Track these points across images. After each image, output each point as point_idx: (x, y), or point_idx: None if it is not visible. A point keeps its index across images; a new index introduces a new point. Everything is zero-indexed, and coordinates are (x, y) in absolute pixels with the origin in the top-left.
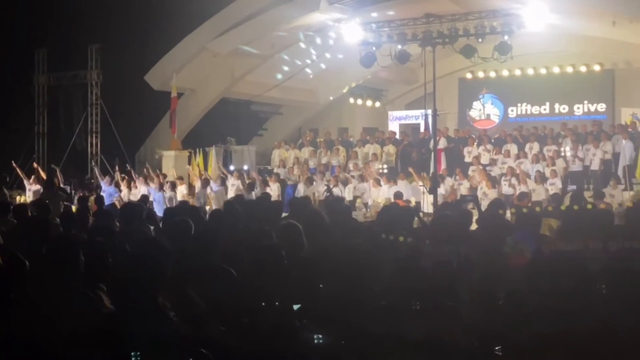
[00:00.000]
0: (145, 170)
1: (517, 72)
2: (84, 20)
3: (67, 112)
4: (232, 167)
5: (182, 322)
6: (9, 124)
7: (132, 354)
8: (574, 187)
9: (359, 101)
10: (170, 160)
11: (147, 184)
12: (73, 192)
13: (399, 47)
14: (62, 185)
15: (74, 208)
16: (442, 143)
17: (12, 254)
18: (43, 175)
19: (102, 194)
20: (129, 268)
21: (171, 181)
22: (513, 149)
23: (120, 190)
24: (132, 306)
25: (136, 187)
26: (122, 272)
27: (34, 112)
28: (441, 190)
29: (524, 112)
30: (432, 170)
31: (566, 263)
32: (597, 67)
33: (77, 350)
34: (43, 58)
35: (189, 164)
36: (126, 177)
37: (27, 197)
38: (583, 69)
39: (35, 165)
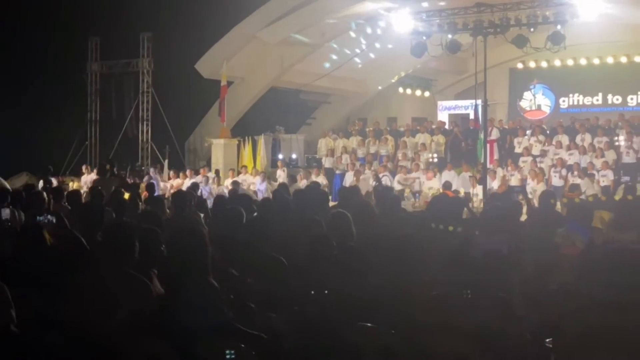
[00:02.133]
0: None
1: (570, 62)
2: (136, 8)
3: (118, 99)
4: (280, 156)
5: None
6: (62, 111)
7: None
8: (627, 178)
9: (408, 91)
10: (219, 148)
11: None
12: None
13: (450, 36)
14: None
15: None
16: (495, 134)
17: (75, 238)
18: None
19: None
20: (173, 254)
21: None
22: (564, 140)
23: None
24: (184, 291)
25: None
26: (169, 258)
27: (86, 99)
28: (495, 182)
29: (575, 103)
30: (482, 161)
31: (620, 254)
32: None
33: (135, 335)
34: (96, 46)
35: (238, 152)
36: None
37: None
38: (637, 59)
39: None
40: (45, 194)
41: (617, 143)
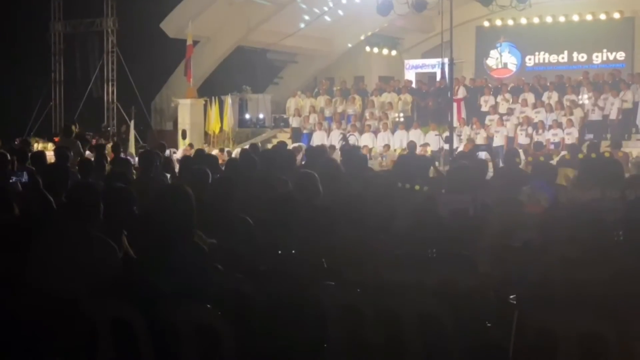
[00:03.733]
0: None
1: (536, 20)
2: None
3: (83, 59)
4: (247, 116)
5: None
6: (26, 72)
7: None
8: (591, 136)
9: (375, 50)
10: (186, 108)
11: None
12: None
13: None
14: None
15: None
16: (461, 92)
17: (45, 199)
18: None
19: None
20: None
21: None
22: (530, 98)
23: None
24: (169, 252)
25: None
26: (145, 219)
27: (50, 59)
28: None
29: (541, 61)
30: (449, 119)
31: (583, 212)
32: (617, 15)
33: (98, 297)
34: (59, 5)
35: (205, 112)
36: None
37: None
38: (603, 16)
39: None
40: (8, 155)
41: (581, 102)
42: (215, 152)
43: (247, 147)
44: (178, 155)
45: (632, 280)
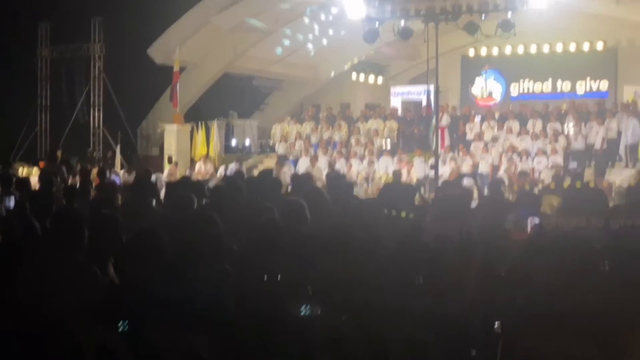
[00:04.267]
0: None
1: (520, 49)
2: None
3: (69, 85)
4: (234, 141)
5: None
6: (12, 97)
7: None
8: (575, 164)
9: (362, 77)
10: (172, 134)
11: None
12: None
13: (402, 22)
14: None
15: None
16: (445, 120)
17: (30, 223)
18: None
19: None
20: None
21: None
22: (515, 126)
23: None
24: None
25: None
26: (132, 246)
27: (36, 85)
28: (446, 167)
29: (526, 90)
30: (434, 147)
31: (568, 240)
32: (600, 45)
33: (82, 322)
34: (46, 31)
35: (191, 138)
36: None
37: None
38: (586, 46)
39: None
40: None
41: (566, 130)
42: (199, 163)
43: (232, 164)
44: (164, 175)
45: (617, 307)
